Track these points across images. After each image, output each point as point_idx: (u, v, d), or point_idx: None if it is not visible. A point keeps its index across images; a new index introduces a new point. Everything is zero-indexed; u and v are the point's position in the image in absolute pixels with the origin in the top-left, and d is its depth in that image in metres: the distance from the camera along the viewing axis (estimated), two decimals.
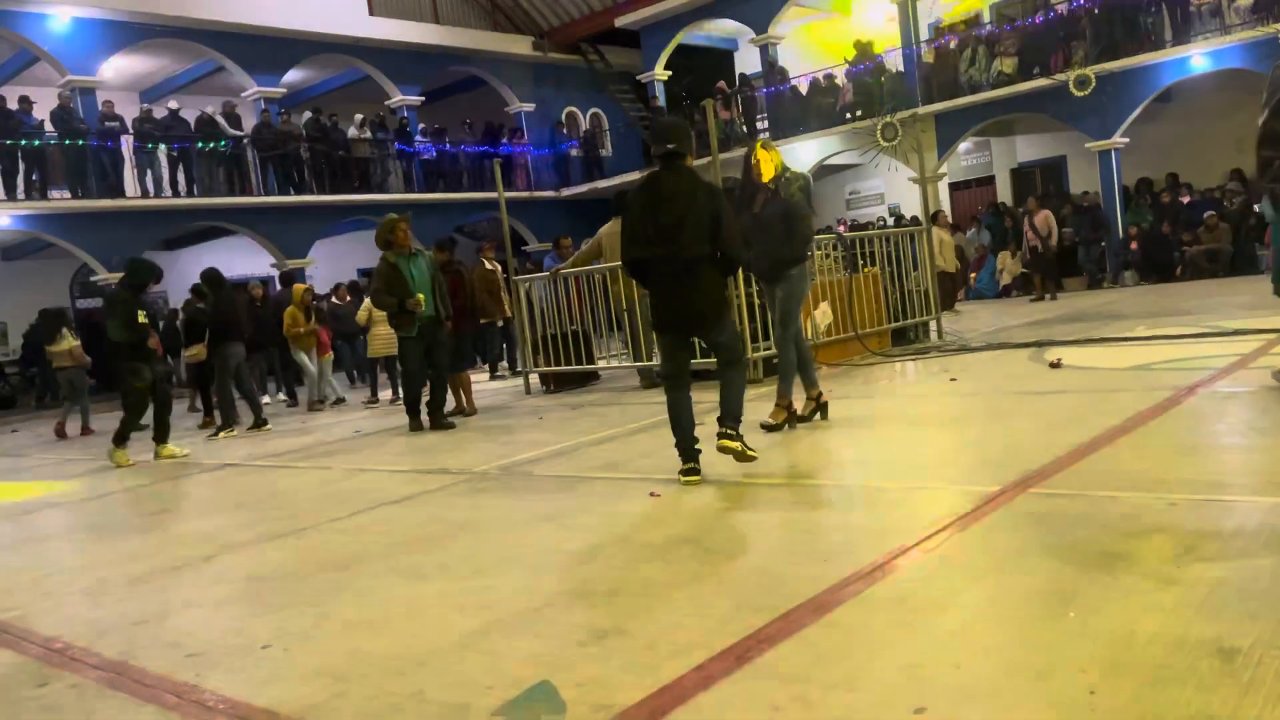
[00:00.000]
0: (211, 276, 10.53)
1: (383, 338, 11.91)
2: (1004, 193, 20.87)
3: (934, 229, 14.77)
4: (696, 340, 5.31)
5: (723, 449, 4.82)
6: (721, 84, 21.65)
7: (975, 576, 3.01)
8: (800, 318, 6.19)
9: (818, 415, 6.16)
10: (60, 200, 17.03)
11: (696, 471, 4.84)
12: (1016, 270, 17.93)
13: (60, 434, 12.15)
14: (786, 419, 6.04)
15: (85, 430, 12.24)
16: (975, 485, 4.06)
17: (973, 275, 18.69)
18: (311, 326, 12.37)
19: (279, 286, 17.43)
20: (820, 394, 6.17)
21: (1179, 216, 16.32)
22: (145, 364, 8.53)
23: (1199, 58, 15.85)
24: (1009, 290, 18.07)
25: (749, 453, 4.86)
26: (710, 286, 4.85)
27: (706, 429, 4.98)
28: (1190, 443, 4.51)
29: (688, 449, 4.88)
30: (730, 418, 4.88)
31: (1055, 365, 7.41)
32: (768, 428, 5.96)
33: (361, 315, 11.63)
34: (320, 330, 12.62)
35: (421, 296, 8.26)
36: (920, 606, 2.80)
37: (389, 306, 8.41)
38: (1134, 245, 16.73)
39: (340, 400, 12.60)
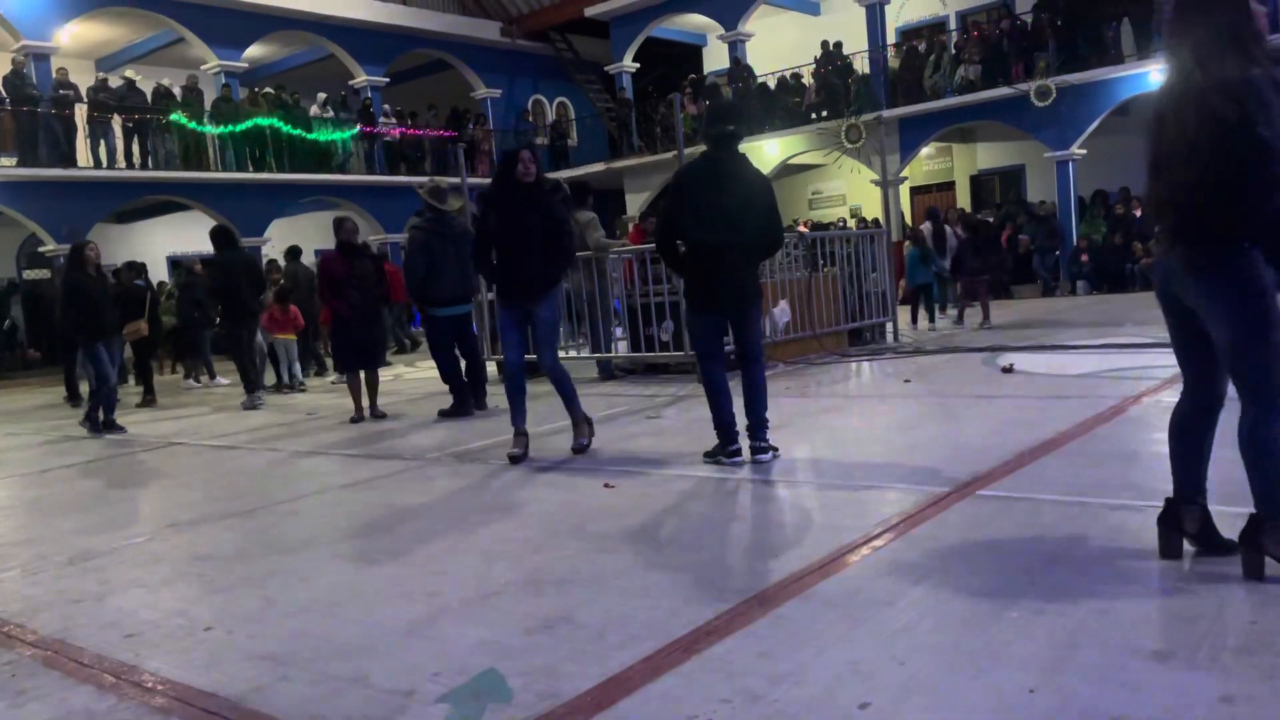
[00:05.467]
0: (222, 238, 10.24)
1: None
2: (964, 198, 21.12)
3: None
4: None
5: (758, 462, 4.82)
6: (693, 76, 21.63)
7: (921, 575, 3.05)
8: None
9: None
10: (8, 167, 16.58)
11: (740, 453, 4.84)
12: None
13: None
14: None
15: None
16: (925, 485, 4.12)
17: None
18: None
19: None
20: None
21: (1131, 229, 16.62)
22: None
23: (1158, 73, 16.14)
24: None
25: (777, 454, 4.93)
26: (754, 270, 4.96)
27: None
28: (1134, 449, 4.60)
29: (728, 429, 4.85)
30: (760, 426, 4.86)
31: (1007, 370, 7.53)
32: (514, 459, 5.52)
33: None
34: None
35: None
36: (867, 603, 2.83)
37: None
38: (1084, 258, 17.02)
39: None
